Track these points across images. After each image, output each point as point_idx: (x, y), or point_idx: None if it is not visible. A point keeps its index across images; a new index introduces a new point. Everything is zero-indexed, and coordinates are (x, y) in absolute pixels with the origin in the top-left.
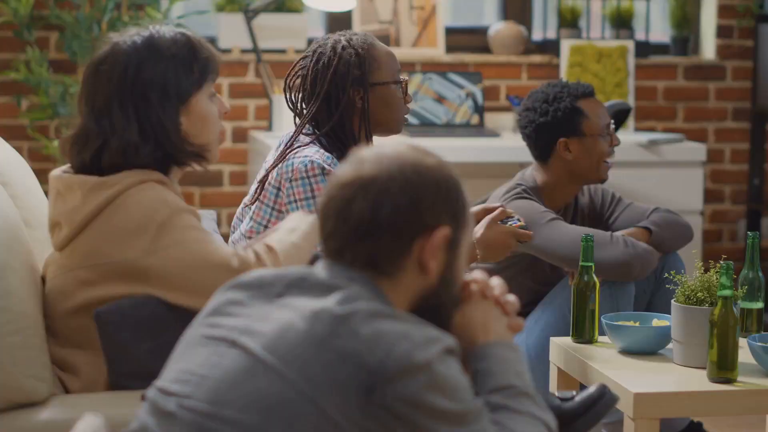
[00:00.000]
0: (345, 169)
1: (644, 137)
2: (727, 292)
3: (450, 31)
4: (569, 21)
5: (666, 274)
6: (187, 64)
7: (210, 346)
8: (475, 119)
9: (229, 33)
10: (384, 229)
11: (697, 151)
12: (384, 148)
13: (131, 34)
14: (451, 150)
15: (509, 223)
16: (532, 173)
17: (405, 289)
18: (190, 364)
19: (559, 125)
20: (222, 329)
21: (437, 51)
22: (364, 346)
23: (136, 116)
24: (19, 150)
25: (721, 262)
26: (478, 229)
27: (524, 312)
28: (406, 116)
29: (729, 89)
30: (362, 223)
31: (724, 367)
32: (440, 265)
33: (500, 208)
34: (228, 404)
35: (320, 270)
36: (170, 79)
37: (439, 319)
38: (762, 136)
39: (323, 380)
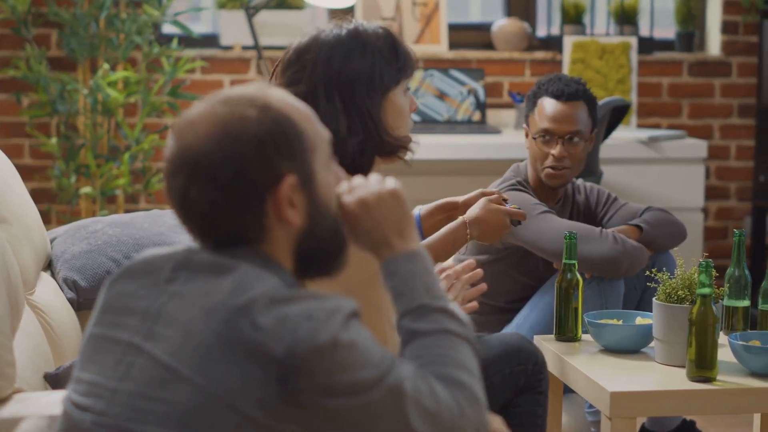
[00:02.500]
0: (170, 145)
1: (645, 134)
2: (706, 291)
3: (453, 28)
4: (573, 17)
5: (647, 272)
6: (390, 58)
7: (116, 353)
8: (476, 116)
9: (231, 30)
10: (228, 210)
11: (698, 147)
12: (199, 108)
13: (332, 27)
14: (452, 147)
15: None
16: (526, 165)
17: (282, 243)
18: (99, 375)
19: (525, 110)
20: (124, 331)
21: (440, 47)
22: (267, 338)
23: (343, 106)
24: (20, 147)
25: (701, 260)
26: (473, 210)
27: (516, 307)
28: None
29: (734, 85)
30: (205, 215)
31: (702, 366)
32: (302, 208)
33: (496, 194)
34: (144, 419)
35: (202, 249)
36: (376, 72)
37: (328, 255)
38: (767, 132)
39: (236, 381)
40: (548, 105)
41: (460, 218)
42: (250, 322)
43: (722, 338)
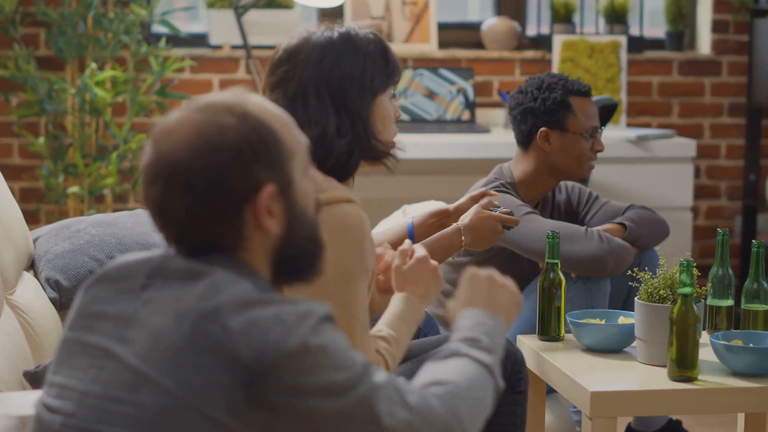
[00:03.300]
0: (147, 153)
1: (633, 133)
2: (687, 290)
3: (443, 27)
4: (563, 16)
5: (629, 272)
6: (381, 63)
7: (87, 356)
8: (465, 115)
9: (220, 29)
10: (205, 218)
11: (687, 146)
12: (177, 115)
13: (323, 29)
14: (441, 146)
15: (495, 211)
16: (510, 167)
17: (258, 251)
18: (70, 377)
19: (544, 114)
20: (97, 335)
21: (429, 47)
22: (237, 342)
23: (334, 107)
24: (8, 147)
25: (682, 259)
26: (465, 217)
27: None
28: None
29: (724, 84)
30: (182, 224)
31: (684, 366)
32: (280, 215)
33: (486, 198)
34: (113, 422)
35: (178, 255)
36: (367, 75)
37: (306, 261)
38: (758, 131)
39: (204, 385)
40: (586, 103)
41: (455, 225)
42: (220, 325)
43: (705, 338)
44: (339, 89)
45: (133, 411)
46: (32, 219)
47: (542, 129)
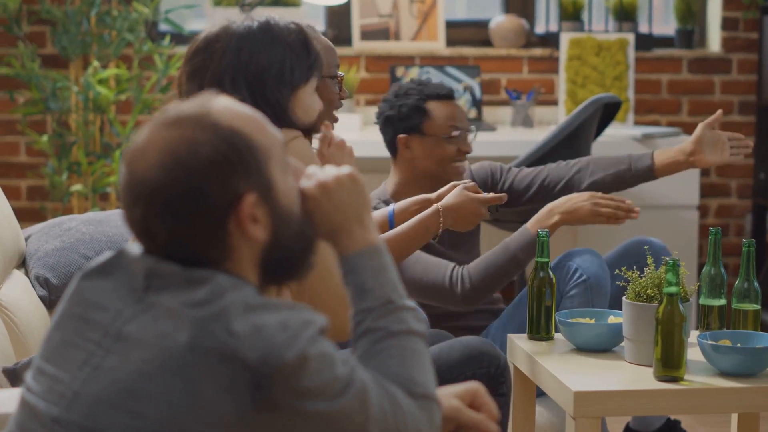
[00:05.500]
0: (122, 174)
1: (639, 131)
2: (672, 289)
3: (451, 25)
4: (571, 14)
5: (617, 270)
6: (301, 54)
7: (82, 351)
8: (472, 113)
9: None
10: (190, 237)
11: None
12: (147, 133)
13: (244, 19)
14: None
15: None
16: (384, 184)
17: (246, 259)
18: (62, 370)
19: (401, 121)
20: (92, 330)
21: (437, 44)
22: (242, 344)
23: (252, 98)
24: (15, 145)
25: (668, 258)
26: (448, 198)
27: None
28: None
29: (734, 82)
30: (167, 243)
31: (669, 366)
32: (265, 220)
33: (472, 183)
34: (108, 428)
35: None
36: (286, 66)
37: (296, 259)
38: None
39: (209, 389)
40: (445, 107)
41: (434, 206)
42: (225, 328)
43: (695, 337)
44: (256, 80)
45: (130, 420)
46: (37, 217)
47: (400, 136)
